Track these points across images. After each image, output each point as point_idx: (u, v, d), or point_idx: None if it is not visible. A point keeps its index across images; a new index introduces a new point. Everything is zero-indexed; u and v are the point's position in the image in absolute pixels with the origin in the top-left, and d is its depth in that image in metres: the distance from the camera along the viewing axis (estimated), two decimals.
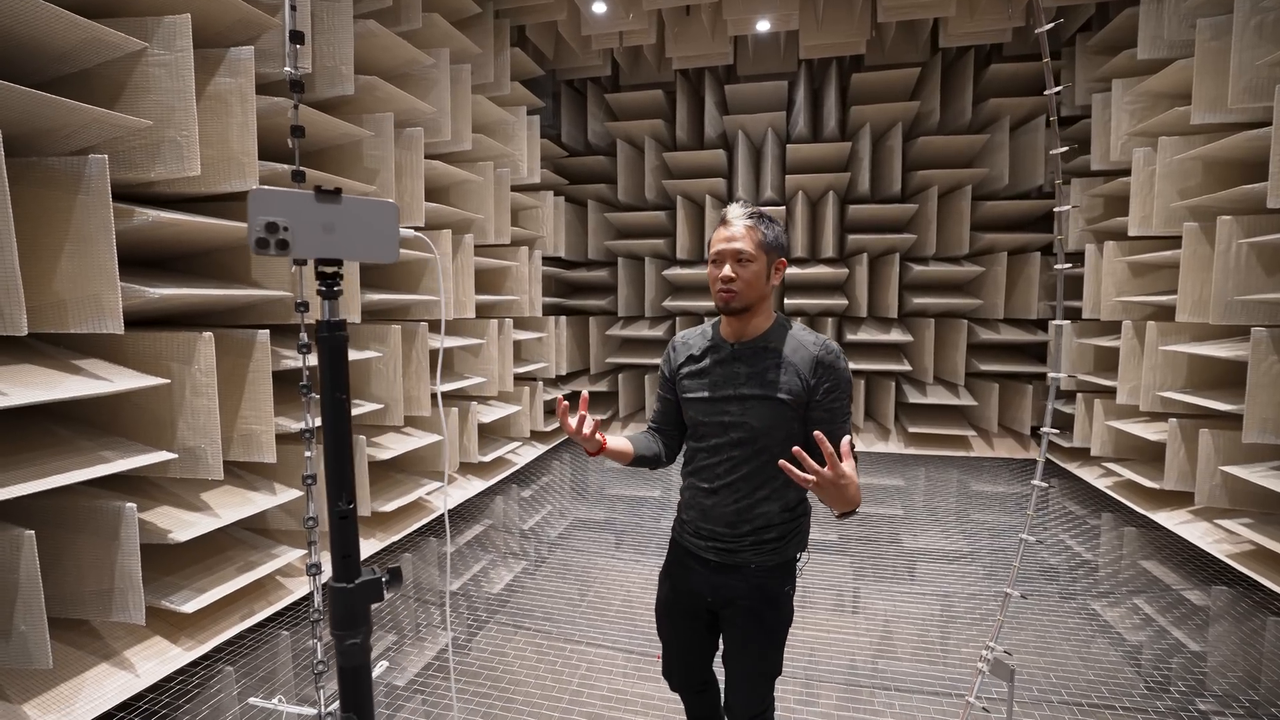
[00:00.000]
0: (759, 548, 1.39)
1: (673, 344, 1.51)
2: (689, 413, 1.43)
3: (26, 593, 1.86)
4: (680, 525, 1.51)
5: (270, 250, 0.66)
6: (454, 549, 3.83)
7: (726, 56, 5.54)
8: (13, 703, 1.98)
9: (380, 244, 0.73)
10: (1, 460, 1.96)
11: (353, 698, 0.75)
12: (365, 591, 0.76)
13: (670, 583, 1.53)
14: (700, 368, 1.42)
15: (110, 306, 2.01)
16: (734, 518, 1.37)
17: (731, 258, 1.31)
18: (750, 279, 1.30)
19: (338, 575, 0.74)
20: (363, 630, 0.77)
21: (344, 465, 0.73)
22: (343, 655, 0.75)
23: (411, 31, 3.70)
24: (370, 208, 0.73)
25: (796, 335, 1.37)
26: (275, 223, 0.65)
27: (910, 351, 5.75)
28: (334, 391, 0.72)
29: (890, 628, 2.78)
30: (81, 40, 2.05)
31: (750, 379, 1.34)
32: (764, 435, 1.33)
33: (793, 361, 1.33)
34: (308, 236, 0.67)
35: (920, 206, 5.56)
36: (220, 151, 2.48)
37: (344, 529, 0.74)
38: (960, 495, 4.74)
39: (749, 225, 1.32)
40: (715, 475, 1.38)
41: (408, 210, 3.65)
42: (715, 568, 1.42)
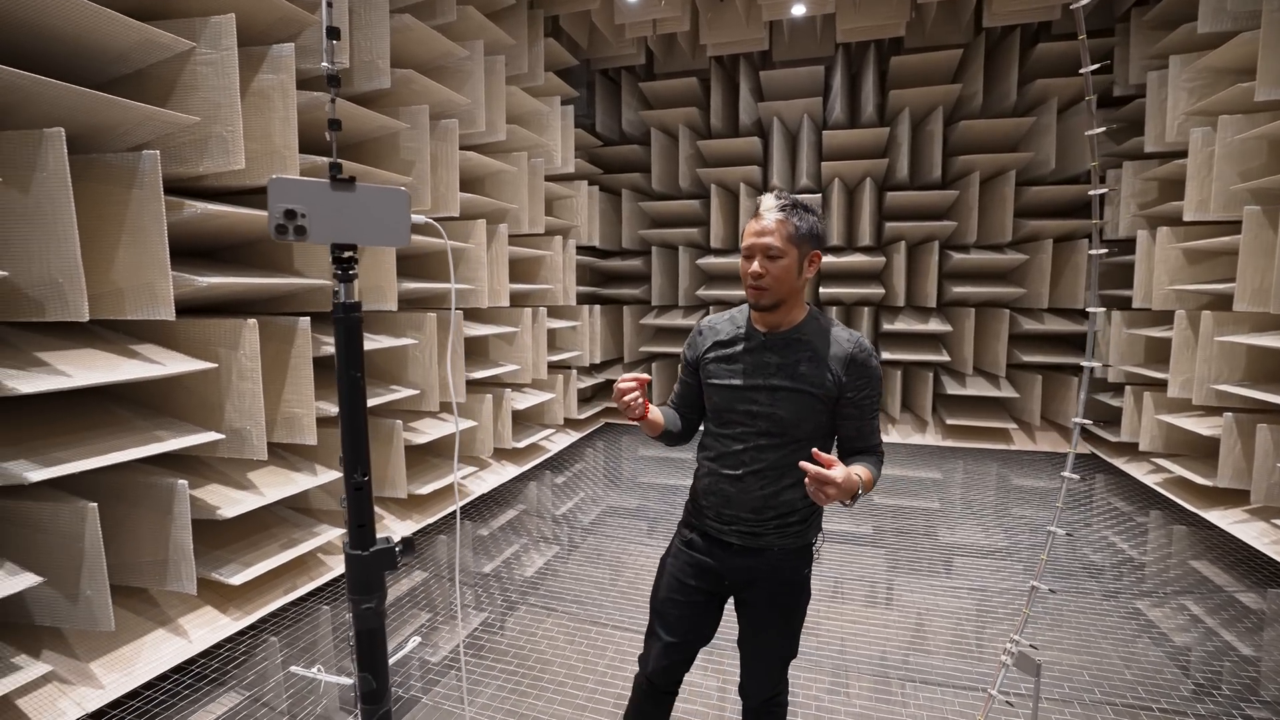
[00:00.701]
0: (782, 531, 1.40)
1: (698, 328, 1.50)
2: (714, 399, 1.42)
3: (91, 560, 2.00)
4: (698, 511, 1.49)
5: (289, 235, 0.70)
6: (487, 532, 3.94)
7: (761, 42, 5.46)
8: (81, 661, 2.13)
9: (392, 229, 0.77)
10: (68, 437, 2.10)
11: (369, 659, 0.80)
12: (379, 559, 0.80)
13: (679, 571, 1.50)
14: (729, 354, 1.40)
15: (163, 295, 2.13)
16: (759, 504, 1.37)
17: (761, 253, 1.29)
18: (780, 274, 1.28)
19: (353, 543, 0.79)
20: (377, 595, 0.81)
21: (359, 440, 0.78)
22: (359, 619, 0.80)
23: (447, 24, 3.76)
24: (383, 195, 0.77)
25: (830, 330, 1.37)
26: (293, 209, 0.69)
27: (949, 342, 5.61)
28: (349, 369, 0.76)
29: (922, 620, 2.75)
30: (135, 42, 2.16)
31: (781, 370, 1.33)
32: (793, 427, 1.33)
33: (825, 357, 1.32)
34: (324, 222, 0.71)
35: (961, 193, 5.39)
36: (263, 145, 2.58)
37: (359, 500, 0.78)
38: (1000, 489, 4.62)
39: (780, 218, 1.29)
40: (741, 463, 1.38)
41: (442, 200, 3.73)
42: (738, 550, 1.42)
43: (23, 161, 1.87)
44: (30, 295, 1.93)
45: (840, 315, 5.81)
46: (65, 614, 2.06)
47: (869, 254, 5.69)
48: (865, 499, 4.41)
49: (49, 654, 2.12)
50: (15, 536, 2.03)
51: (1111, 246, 5.15)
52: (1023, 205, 5.34)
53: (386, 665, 0.83)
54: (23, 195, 1.89)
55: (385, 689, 0.81)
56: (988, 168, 5.32)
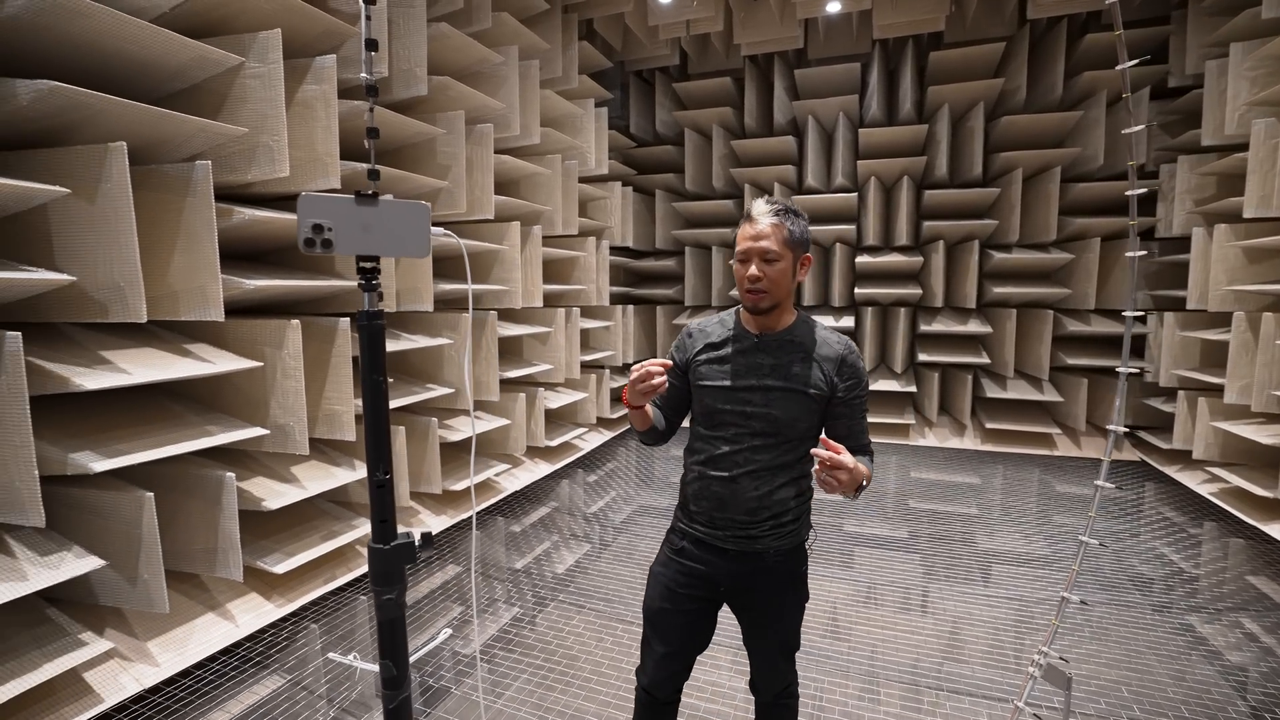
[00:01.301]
0: (777, 532, 1.41)
1: (688, 330, 1.51)
2: (705, 400, 1.42)
3: (148, 546, 2.13)
4: (687, 516, 1.49)
5: (316, 248, 0.75)
6: (519, 529, 4.02)
7: (796, 40, 5.41)
8: (139, 640, 2.28)
9: (413, 241, 0.81)
10: (128, 430, 2.24)
11: (390, 647, 0.85)
12: (399, 553, 0.85)
13: (670, 579, 1.48)
14: (720, 355, 1.41)
15: (213, 297, 2.25)
16: (754, 504, 1.37)
17: (758, 256, 1.31)
18: (777, 277, 1.31)
19: (375, 537, 0.84)
20: (398, 587, 0.86)
21: (381, 440, 0.82)
22: (380, 609, 0.85)
23: (482, 31, 3.85)
24: (404, 209, 0.81)
25: (820, 333, 1.40)
26: (320, 224, 0.74)
27: (989, 343, 5.46)
28: (372, 374, 0.81)
29: (955, 629, 2.70)
30: (190, 59, 2.29)
31: (774, 371, 1.35)
32: (787, 427, 1.35)
33: (818, 358, 1.35)
34: (349, 236, 0.76)
35: (1003, 190, 5.24)
36: (307, 153, 2.69)
37: (381, 497, 0.83)
38: (1042, 496, 4.49)
39: (775, 222, 1.31)
40: (734, 464, 1.38)
41: (477, 203, 3.82)
42: (733, 556, 1.42)
43: (89, 174, 2.00)
44: (95, 298, 2.07)
45: (876, 316, 5.71)
46: (125, 595, 2.20)
47: (906, 254, 5.58)
48: (897, 504, 4.34)
49: (111, 632, 2.27)
50: (83, 522, 2.18)
51: (1164, 245, 4.94)
52: (1068, 203, 5.15)
53: (407, 653, 0.87)
54: (89, 205, 2.02)
55: (405, 675, 0.86)
56: (1031, 164, 5.16)
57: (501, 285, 4.20)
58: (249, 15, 2.51)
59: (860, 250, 5.77)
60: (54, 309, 2.12)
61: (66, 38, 2.01)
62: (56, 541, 2.05)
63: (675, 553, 1.49)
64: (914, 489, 4.65)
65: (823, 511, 4.18)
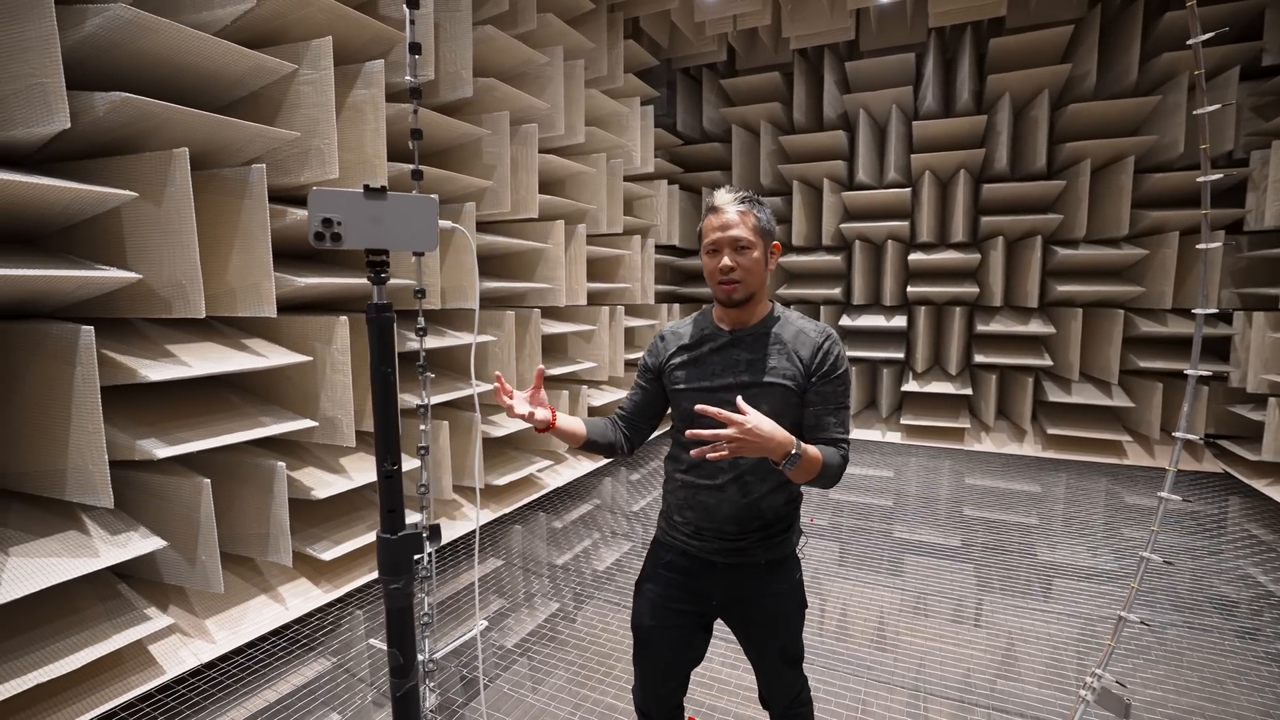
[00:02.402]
0: (767, 543, 1.34)
1: (661, 334, 1.45)
2: (683, 405, 1.35)
3: (205, 530, 2.25)
4: (672, 528, 1.42)
5: (326, 242, 0.77)
6: (561, 525, 4.06)
7: (848, 31, 5.26)
8: (199, 617, 2.42)
9: (421, 235, 0.83)
10: (189, 419, 2.38)
11: (398, 635, 0.87)
12: (407, 543, 0.86)
13: (657, 595, 1.42)
14: (695, 356, 1.36)
15: (266, 294, 2.36)
16: (743, 513, 1.31)
17: (730, 246, 1.25)
18: (751, 266, 1.26)
19: (384, 527, 0.86)
20: (405, 577, 0.88)
21: (390, 431, 0.84)
22: (388, 598, 0.87)
23: (527, 32, 3.90)
24: (412, 202, 0.83)
25: (797, 322, 1.34)
26: (330, 218, 0.76)
27: (1052, 345, 5.18)
28: (381, 366, 0.82)
29: (1010, 645, 2.57)
30: (248, 68, 2.41)
31: (752, 366, 1.30)
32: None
33: (795, 348, 1.29)
34: (358, 229, 0.78)
35: (1069, 183, 4.95)
36: (357, 155, 2.79)
37: (389, 487, 0.85)
38: (1109, 507, 4.22)
39: (743, 210, 1.26)
40: (719, 470, 1.31)
41: (522, 203, 3.88)
42: (723, 570, 1.35)
43: (156, 178, 2.13)
44: (161, 295, 2.20)
45: (930, 316, 5.50)
46: (186, 575, 2.33)
47: (963, 250, 5.35)
48: (950, 510, 4.16)
49: (174, 609, 2.42)
50: (149, 504, 2.33)
51: (1253, 239, 4.56)
52: (1143, 195, 4.82)
53: (414, 642, 0.89)
54: (155, 208, 2.15)
55: (412, 663, 0.88)
56: (1101, 155, 4.85)
57: (545, 283, 4.25)
58: (303, 25, 2.62)
59: (914, 247, 5.57)
60: (126, 305, 2.27)
61: (138, 53, 2.15)
62: (125, 522, 2.20)
63: (663, 566, 1.43)
64: (968, 496, 4.46)
65: (870, 516, 4.06)
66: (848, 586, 3.10)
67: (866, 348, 5.75)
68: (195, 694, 2.16)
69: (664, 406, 1.47)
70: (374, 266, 0.84)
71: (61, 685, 1.99)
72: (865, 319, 5.72)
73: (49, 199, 1.95)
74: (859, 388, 5.86)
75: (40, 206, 2.00)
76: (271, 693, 2.20)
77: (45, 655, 1.94)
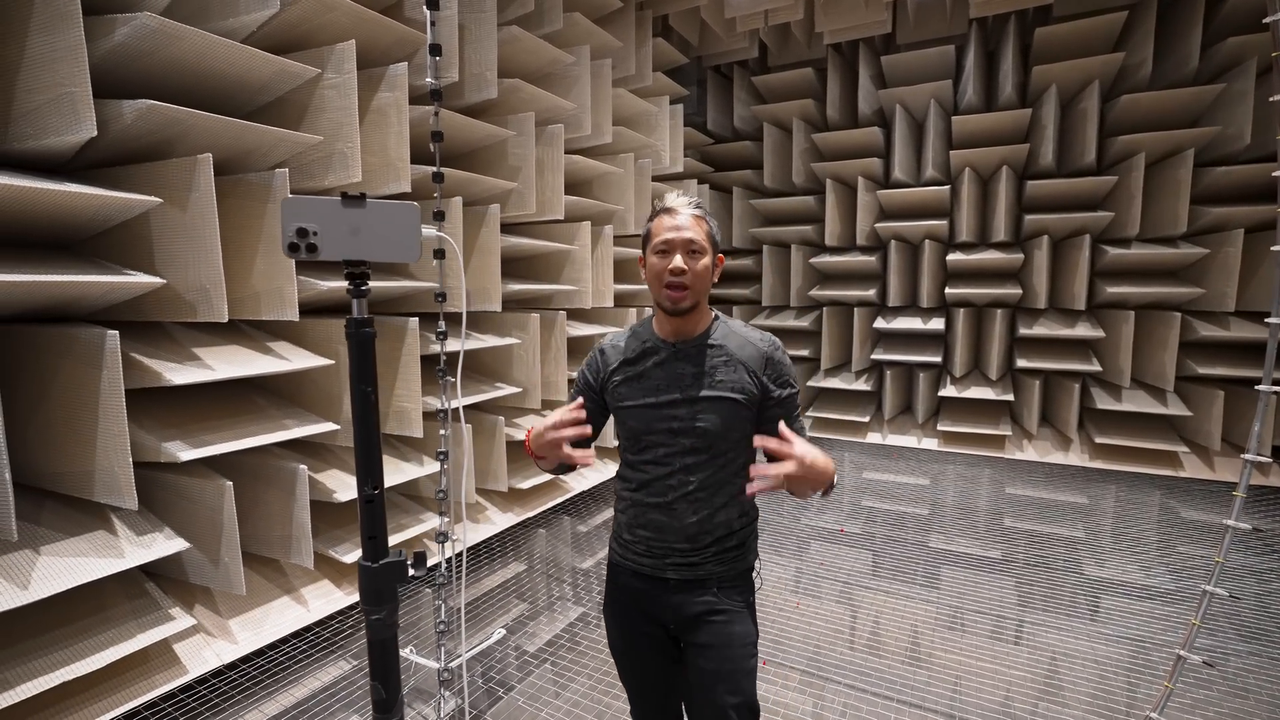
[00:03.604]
0: (721, 558, 1.29)
1: (600, 347, 1.38)
2: (628, 422, 1.30)
3: (228, 532, 2.28)
4: (624, 547, 1.36)
5: (301, 254, 0.73)
6: (586, 529, 4.03)
7: (884, 25, 5.09)
8: (223, 617, 2.45)
9: (402, 245, 0.78)
10: (214, 422, 2.41)
11: (380, 668, 0.82)
12: (389, 572, 0.82)
13: (622, 618, 1.37)
14: (637, 371, 1.29)
15: (289, 298, 2.37)
16: (695, 530, 1.26)
17: (683, 248, 1.20)
18: (701, 273, 1.22)
19: (365, 555, 0.81)
20: (388, 607, 0.83)
21: (372, 453, 0.80)
22: (370, 629, 0.82)
23: (553, 32, 3.87)
24: (393, 210, 0.78)
25: (740, 331, 1.30)
26: (305, 228, 0.72)
27: (1101, 349, 4.92)
28: (360, 384, 0.78)
29: (1055, 667, 2.43)
30: (272, 74, 2.42)
31: (697, 380, 1.24)
32: (719, 439, 1.24)
33: (741, 359, 1.25)
34: (335, 240, 0.74)
35: (1121, 178, 4.69)
36: (381, 158, 2.80)
37: (370, 512, 0.80)
38: (1164, 522, 3.98)
39: (697, 214, 1.23)
40: (668, 488, 1.26)
41: (548, 204, 3.85)
42: (675, 586, 1.29)
43: (181, 184, 2.16)
44: (186, 299, 2.23)
45: (969, 318, 5.29)
46: (210, 576, 2.36)
47: (1005, 250, 5.13)
48: (989, 521, 3.98)
49: (200, 609, 2.45)
50: (175, 505, 2.36)
51: None
52: (1203, 190, 4.54)
53: (399, 675, 0.85)
54: (181, 213, 2.18)
55: (396, 697, 0.83)
56: (1157, 148, 4.58)
57: (571, 285, 4.21)
58: (329, 29, 2.63)
59: (952, 247, 5.36)
60: (154, 309, 2.30)
61: (166, 61, 2.18)
62: (152, 523, 2.23)
63: (619, 590, 1.38)
64: (1009, 506, 4.26)
65: (905, 525, 3.91)
66: (880, 598, 2.99)
67: (902, 351, 5.56)
68: (216, 695, 2.19)
69: (603, 421, 1.40)
70: (353, 279, 0.79)
71: (88, 682, 2.03)
72: (901, 321, 5.54)
73: (77, 206, 1.99)
74: (895, 391, 5.68)
75: (70, 213, 2.04)
76: (290, 696, 2.21)
77: (73, 653, 1.98)
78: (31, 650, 1.96)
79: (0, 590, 1.83)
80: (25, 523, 2.08)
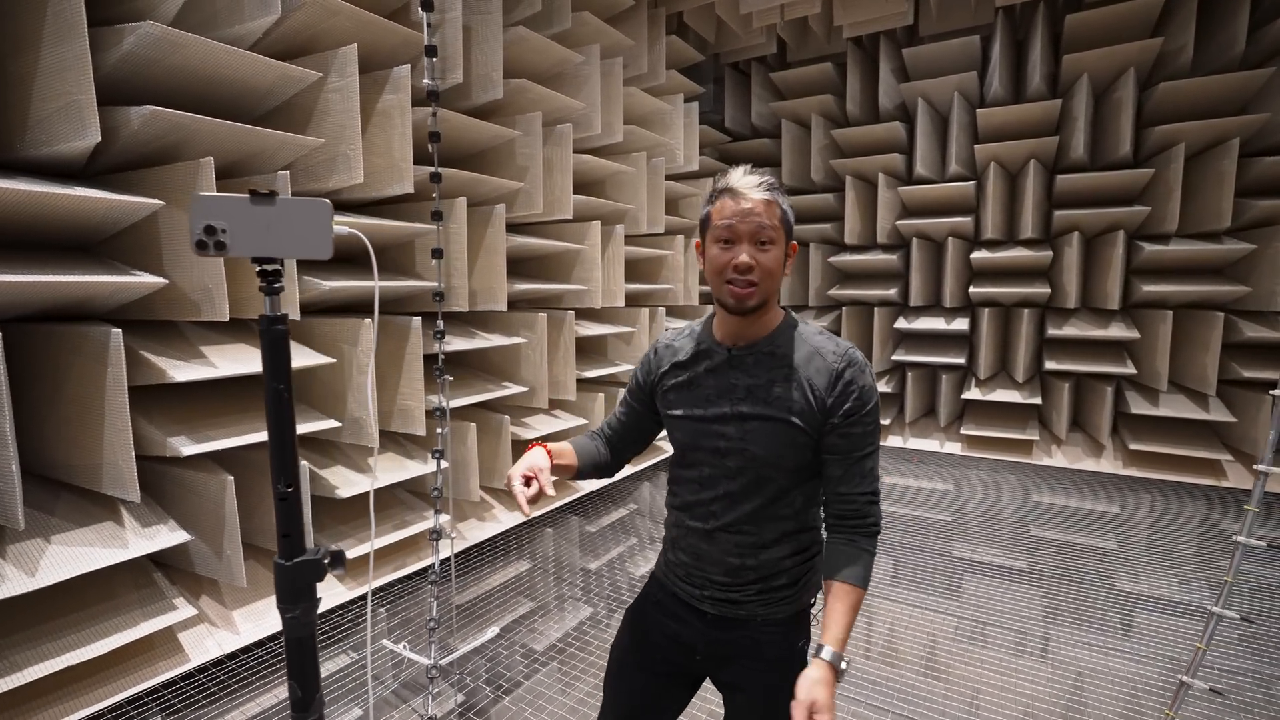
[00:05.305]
0: (767, 597, 1.13)
1: (655, 346, 1.24)
2: (675, 434, 1.17)
3: (229, 524, 2.34)
4: (668, 566, 1.25)
5: (210, 251, 0.74)
6: (595, 529, 4.02)
7: (905, 16, 4.95)
8: (226, 608, 2.51)
9: (314, 242, 0.78)
10: (220, 417, 2.48)
11: (297, 666, 0.82)
12: (304, 570, 0.82)
13: (644, 625, 1.25)
14: (688, 378, 1.14)
15: (289, 297, 2.42)
16: (736, 564, 1.12)
17: (750, 238, 1.01)
18: (772, 267, 1.03)
19: (280, 552, 0.82)
20: (303, 605, 0.83)
21: (285, 450, 0.80)
22: (286, 627, 0.82)
23: (562, 32, 3.88)
24: (304, 207, 0.78)
25: (811, 340, 1.10)
26: (213, 225, 0.72)
27: (1136, 350, 4.69)
28: (274, 382, 0.78)
29: (1080, 683, 2.32)
30: (276, 78, 2.48)
31: (751, 394, 1.08)
32: (769, 466, 1.07)
33: (806, 374, 1.06)
34: (245, 237, 0.74)
35: (1158, 171, 4.46)
36: (385, 160, 2.84)
37: (285, 510, 0.80)
38: (1205, 535, 3.78)
39: (768, 198, 1.02)
40: (710, 513, 1.12)
41: (556, 204, 3.85)
42: (713, 621, 1.16)
43: (185, 187, 2.22)
44: (191, 299, 2.30)
45: (995, 318, 5.11)
46: (214, 567, 2.43)
47: (1033, 248, 4.94)
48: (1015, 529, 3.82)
49: (206, 599, 2.53)
50: (181, 498, 2.44)
51: None
52: (1250, 182, 4.28)
53: (317, 675, 0.84)
54: (185, 215, 2.25)
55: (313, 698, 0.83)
56: (1198, 137, 4.35)
57: (581, 285, 4.21)
58: (334, 34, 2.68)
59: (978, 245, 5.19)
60: (162, 308, 2.38)
61: (171, 68, 2.25)
62: (157, 514, 2.31)
63: (653, 604, 1.26)
64: (1036, 514, 4.11)
65: (926, 531, 3.80)
66: (898, 607, 2.90)
67: (925, 352, 5.41)
68: (215, 684, 2.25)
69: (655, 428, 1.28)
70: (265, 276, 0.79)
71: (95, 667, 2.11)
72: (923, 321, 5.39)
73: (86, 209, 2.06)
74: (917, 394, 5.53)
75: (81, 217, 2.12)
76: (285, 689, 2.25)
77: (82, 637, 2.06)
78: (42, 635, 2.04)
79: (10, 577, 1.91)
80: (39, 512, 2.18)
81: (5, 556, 1.97)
